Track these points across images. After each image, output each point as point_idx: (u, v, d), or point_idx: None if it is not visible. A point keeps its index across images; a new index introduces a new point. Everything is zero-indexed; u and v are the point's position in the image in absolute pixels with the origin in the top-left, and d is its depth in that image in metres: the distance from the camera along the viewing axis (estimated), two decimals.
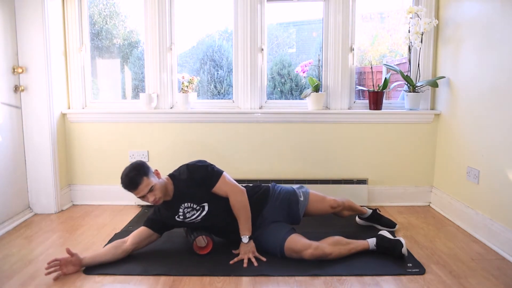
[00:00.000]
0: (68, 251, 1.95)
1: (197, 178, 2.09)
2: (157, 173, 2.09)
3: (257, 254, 2.07)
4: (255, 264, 2.01)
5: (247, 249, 2.07)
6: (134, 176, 1.96)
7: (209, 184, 2.10)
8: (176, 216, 2.13)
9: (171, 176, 2.16)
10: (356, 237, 2.20)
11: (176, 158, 2.99)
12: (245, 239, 2.08)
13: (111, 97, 3.25)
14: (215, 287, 1.85)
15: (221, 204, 2.11)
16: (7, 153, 2.61)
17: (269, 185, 2.33)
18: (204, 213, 2.12)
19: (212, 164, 2.17)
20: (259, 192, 2.25)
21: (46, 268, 1.89)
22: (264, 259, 2.04)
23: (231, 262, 2.04)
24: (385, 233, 2.20)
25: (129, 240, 2.11)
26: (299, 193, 2.27)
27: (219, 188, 2.10)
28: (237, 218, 2.10)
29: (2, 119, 2.56)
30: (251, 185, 2.33)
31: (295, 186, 2.33)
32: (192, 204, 2.11)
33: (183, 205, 2.11)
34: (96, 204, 3.05)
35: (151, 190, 1.98)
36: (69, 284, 1.86)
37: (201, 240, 2.14)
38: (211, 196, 2.11)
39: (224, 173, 2.15)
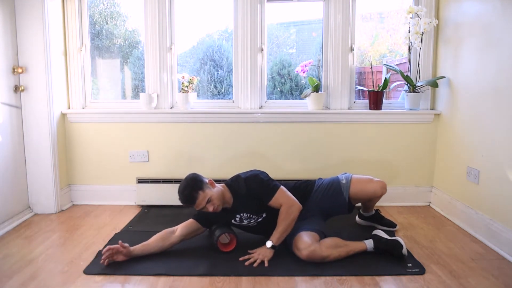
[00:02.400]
0: (121, 244, 2.02)
1: (255, 193, 2.13)
2: (211, 183, 2.12)
3: (267, 260, 2.05)
4: (266, 264, 2.01)
5: (263, 252, 2.07)
6: (189, 193, 2.04)
7: (265, 199, 2.12)
8: (233, 220, 2.19)
9: (228, 185, 2.19)
10: (357, 237, 2.20)
11: (176, 158, 3.00)
12: (269, 244, 2.08)
13: (111, 97, 3.25)
14: (215, 287, 1.85)
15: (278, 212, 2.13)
16: (7, 153, 2.61)
17: (315, 180, 2.37)
18: (260, 219, 2.18)
19: (269, 178, 2.20)
20: (305, 188, 2.31)
21: (103, 258, 2.00)
22: (266, 264, 2.03)
23: (240, 258, 2.06)
24: (380, 232, 2.20)
25: (178, 232, 2.16)
26: (341, 178, 2.30)
27: (275, 202, 2.11)
28: (277, 225, 2.10)
29: (2, 119, 2.56)
30: (299, 181, 2.37)
31: (339, 174, 2.36)
32: (251, 215, 2.16)
33: (241, 214, 2.16)
34: (96, 204, 3.05)
35: (208, 201, 2.04)
36: (69, 284, 1.86)
37: (224, 238, 2.15)
38: (269, 206, 2.14)
39: (281, 187, 2.15)
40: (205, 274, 1.94)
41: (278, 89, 3.22)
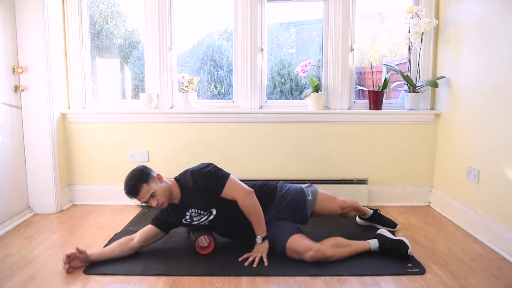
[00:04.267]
0: (77, 250, 1.99)
1: (203, 186, 2.07)
2: (159, 177, 2.07)
3: (265, 255, 2.05)
4: (265, 262, 2.00)
5: (259, 249, 2.07)
6: (133, 184, 2.00)
7: (215, 190, 2.08)
8: (183, 219, 2.15)
9: (177, 180, 2.15)
10: (358, 237, 2.20)
11: (176, 158, 3.00)
12: (258, 239, 2.08)
13: (111, 97, 3.25)
14: (215, 287, 1.85)
15: (229, 208, 2.09)
16: (7, 153, 2.61)
17: (277, 183, 2.31)
18: (211, 217, 2.12)
19: (217, 168, 2.13)
20: (266, 190, 2.24)
21: (63, 267, 1.96)
22: (266, 263, 2.02)
23: (240, 259, 2.06)
24: (384, 232, 2.20)
25: (136, 238, 2.14)
26: (307, 192, 2.24)
27: (226, 193, 2.07)
28: (250, 221, 2.08)
29: (2, 119, 2.56)
30: (259, 183, 2.30)
31: (304, 185, 2.31)
32: (199, 210, 2.11)
33: (190, 210, 2.11)
34: (96, 204, 3.05)
35: (152, 195, 2.01)
36: (69, 284, 1.86)
37: (203, 240, 2.13)
38: (218, 200, 2.09)
39: (230, 176, 2.10)
40: (205, 274, 1.94)
41: (278, 89, 3.23)
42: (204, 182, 2.07)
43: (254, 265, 2.01)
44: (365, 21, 3.23)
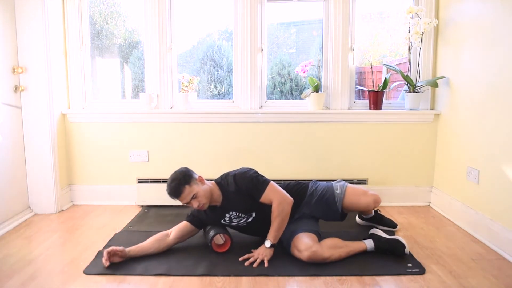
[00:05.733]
0: (117, 249, 2.03)
1: (244, 190, 2.12)
2: (201, 179, 2.12)
3: (266, 259, 2.05)
4: (266, 264, 2.01)
5: (263, 252, 2.07)
6: (176, 186, 2.05)
7: (256, 195, 2.11)
8: (222, 220, 2.18)
9: (218, 183, 2.18)
10: (358, 237, 2.20)
11: (176, 158, 3.00)
12: (267, 243, 2.08)
13: (111, 97, 3.25)
14: (215, 287, 1.85)
15: (269, 211, 2.11)
16: (7, 153, 2.61)
17: (309, 182, 2.35)
18: (250, 219, 2.17)
19: (257, 174, 2.18)
20: (297, 190, 2.28)
21: (104, 262, 1.99)
22: (266, 265, 2.02)
23: (240, 258, 2.07)
24: (378, 231, 2.20)
25: (172, 235, 2.18)
26: (335, 186, 2.27)
27: (266, 198, 2.10)
28: (272, 223, 2.10)
29: (2, 119, 2.56)
30: (293, 182, 2.34)
31: (334, 181, 2.34)
32: (240, 214, 2.15)
33: (230, 212, 2.15)
34: (96, 204, 3.05)
35: (194, 197, 2.04)
36: (69, 284, 1.86)
37: (219, 238, 2.14)
38: (259, 204, 2.13)
39: (270, 182, 2.14)
40: (205, 274, 1.94)
41: (278, 89, 3.22)
42: (246, 186, 2.12)
43: (255, 265, 2.01)
44: (365, 21, 3.23)
